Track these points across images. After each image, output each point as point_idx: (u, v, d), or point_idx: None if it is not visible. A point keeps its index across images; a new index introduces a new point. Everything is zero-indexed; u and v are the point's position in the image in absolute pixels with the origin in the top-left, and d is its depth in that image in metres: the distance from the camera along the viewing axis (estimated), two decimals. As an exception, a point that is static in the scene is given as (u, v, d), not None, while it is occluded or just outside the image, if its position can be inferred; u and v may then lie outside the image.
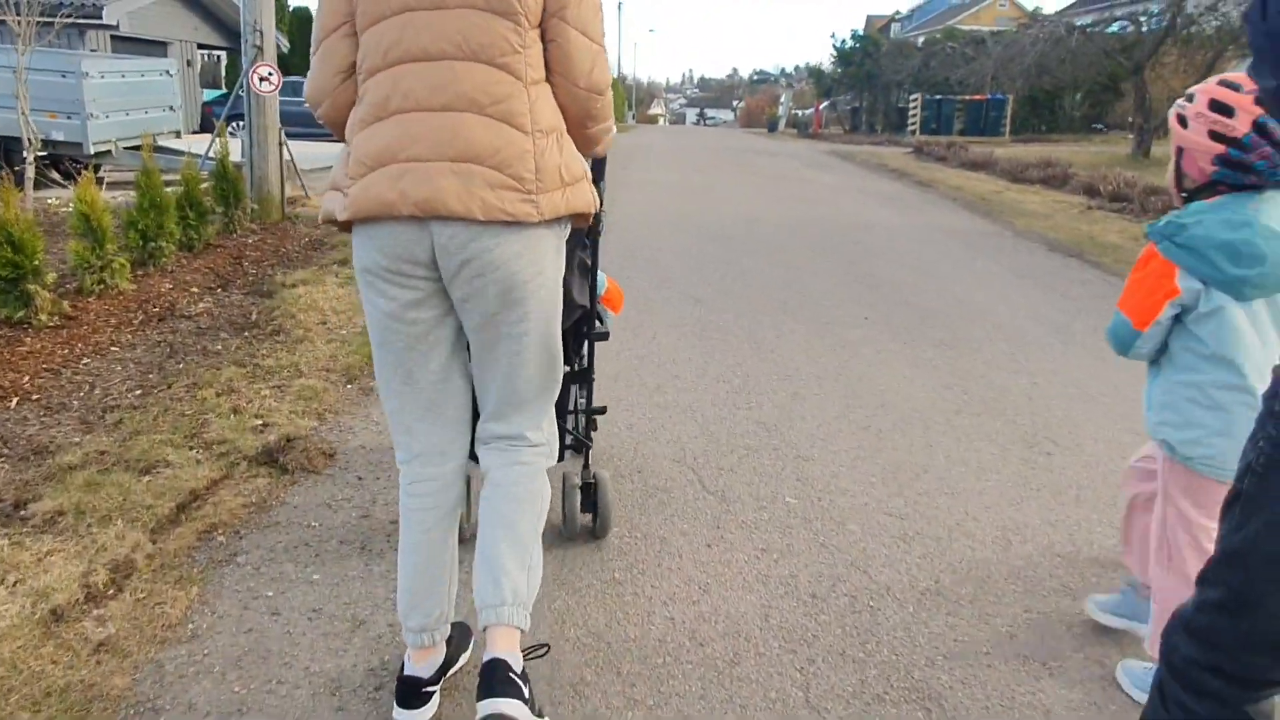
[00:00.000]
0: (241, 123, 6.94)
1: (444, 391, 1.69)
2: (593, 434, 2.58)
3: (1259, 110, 1.62)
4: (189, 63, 16.11)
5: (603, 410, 2.58)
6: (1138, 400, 1.93)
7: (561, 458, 2.09)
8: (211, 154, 6.29)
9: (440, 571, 1.68)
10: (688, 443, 3.05)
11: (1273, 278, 1.66)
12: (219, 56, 19.08)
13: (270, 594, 2.07)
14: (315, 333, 4.04)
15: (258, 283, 4.98)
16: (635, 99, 63.54)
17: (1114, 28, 17.23)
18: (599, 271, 2.29)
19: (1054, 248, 7.25)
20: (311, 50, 1.67)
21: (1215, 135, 1.69)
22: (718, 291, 5.22)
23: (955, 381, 3.76)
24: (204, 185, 5.66)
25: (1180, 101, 1.77)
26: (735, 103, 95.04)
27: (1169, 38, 16.37)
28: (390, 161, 1.53)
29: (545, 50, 1.61)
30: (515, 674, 1.49)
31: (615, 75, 53.98)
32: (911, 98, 26.17)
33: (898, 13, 61.76)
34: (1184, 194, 1.80)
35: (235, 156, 6.27)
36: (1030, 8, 49.72)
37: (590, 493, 2.35)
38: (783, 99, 41.06)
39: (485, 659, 1.50)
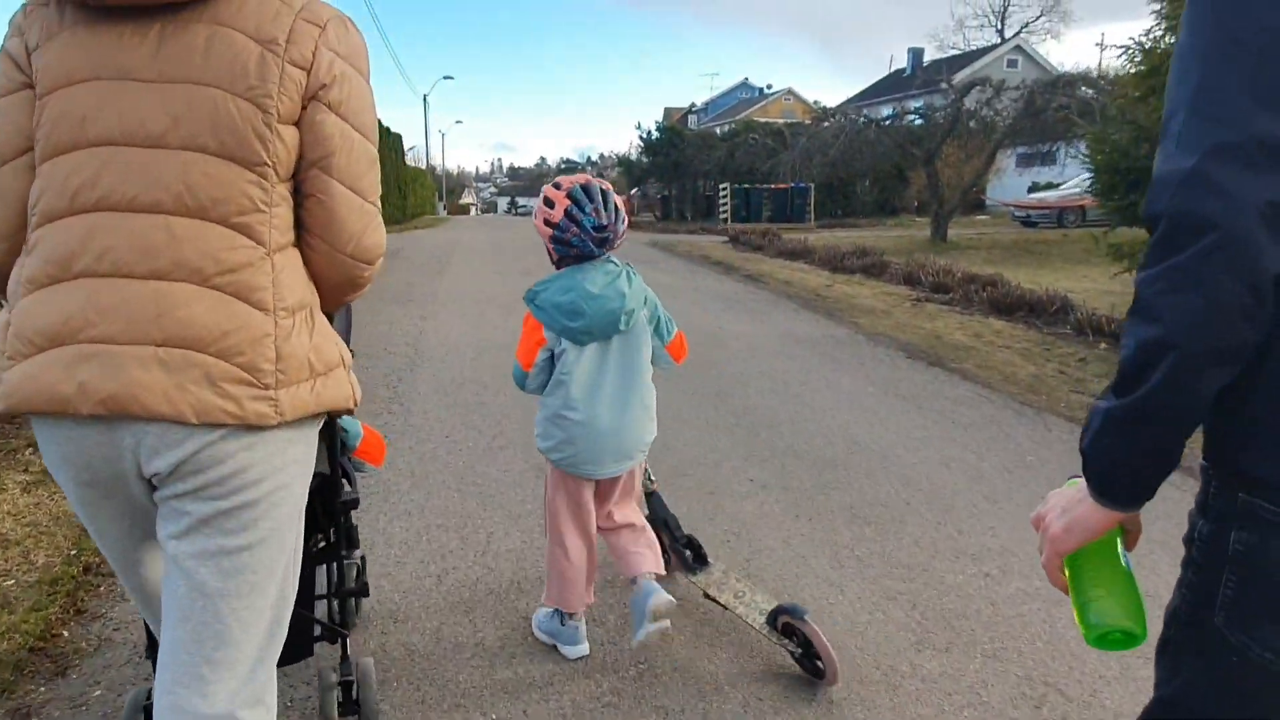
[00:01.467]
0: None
1: None
2: (353, 618, 2.39)
3: (568, 201, 2.25)
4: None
5: (363, 591, 2.28)
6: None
7: (310, 652, 1.96)
8: None
9: None
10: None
11: (596, 326, 2.25)
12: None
13: None
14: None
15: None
16: (446, 189, 62.68)
17: (911, 119, 18.23)
18: (350, 418, 1.97)
19: (910, 353, 6.83)
20: None
21: (546, 223, 2.29)
22: (569, 452, 4.21)
23: (896, 587, 2.92)
24: None
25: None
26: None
27: (953, 131, 17.47)
28: (68, 341, 1.20)
29: (303, 207, 1.35)
30: None
31: (425, 166, 53.32)
32: (721, 187, 26.81)
33: (693, 105, 64.97)
34: (557, 265, 2.39)
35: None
36: (811, 101, 54.01)
37: (350, 691, 1.97)
38: (594, 188, 41.33)
39: None
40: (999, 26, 50.71)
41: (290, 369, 1.28)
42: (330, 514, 1.91)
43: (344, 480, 1.93)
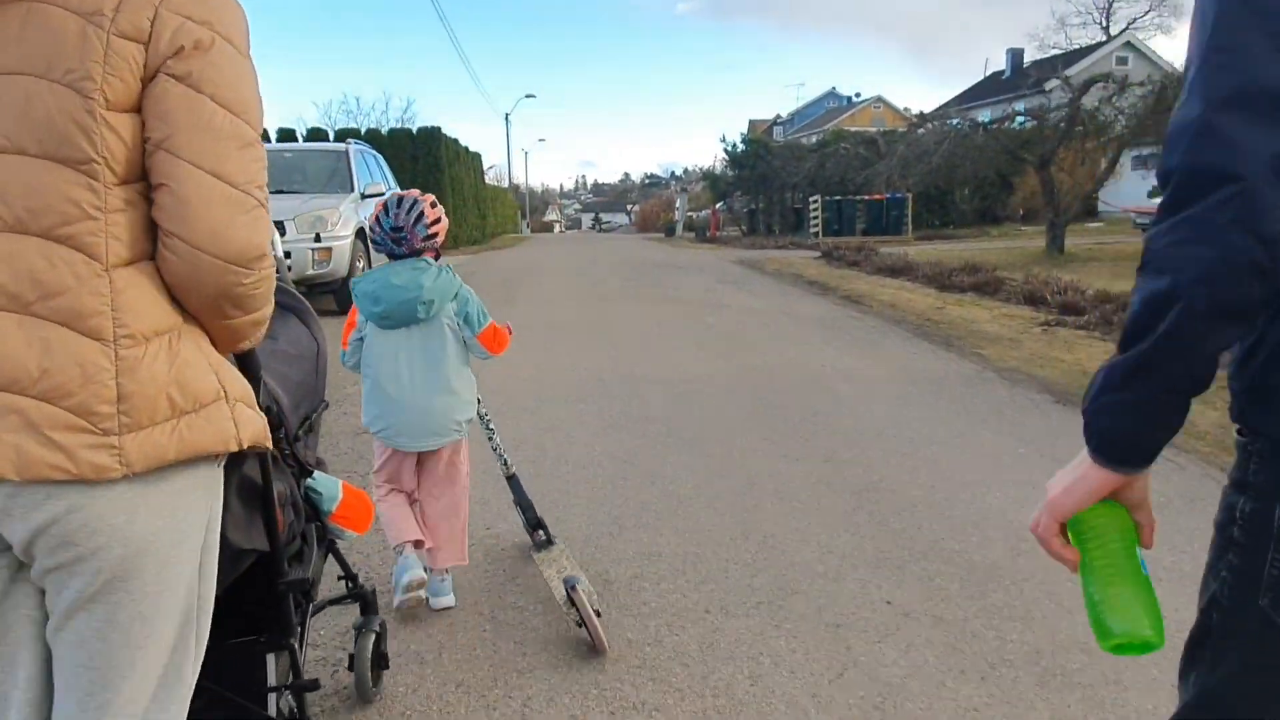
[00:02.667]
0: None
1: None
2: (371, 691, 2.19)
3: (382, 207, 2.71)
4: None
5: (383, 662, 2.23)
6: None
7: None
8: None
9: None
10: None
11: (394, 313, 2.63)
12: None
13: None
14: None
15: None
16: (530, 207, 63.05)
17: (1020, 121, 16.75)
18: (327, 477, 1.81)
19: (1058, 396, 5.63)
20: None
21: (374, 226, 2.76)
22: (672, 567, 3.25)
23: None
24: None
25: None
26: (629, 206, 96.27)
27: (1071, 132, 15.90)
28: None
29: (153, 203, 1.12)
30: None
31: (507, 184, 53.59)
32: (811, 200, 25.57)
33: (778, 116, 63.73)
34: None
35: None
36: (901, 109, 52.03)
37: None
38: (678, 203, 40.57)
39: None
40: (1104, 23, 48.01)
41: (138, 409, 1.09)
42: (265, 601, 1.61)
43: (299, 554, 1.71)
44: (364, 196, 9.65)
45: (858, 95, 59.93)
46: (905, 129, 24.66)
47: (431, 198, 2.74)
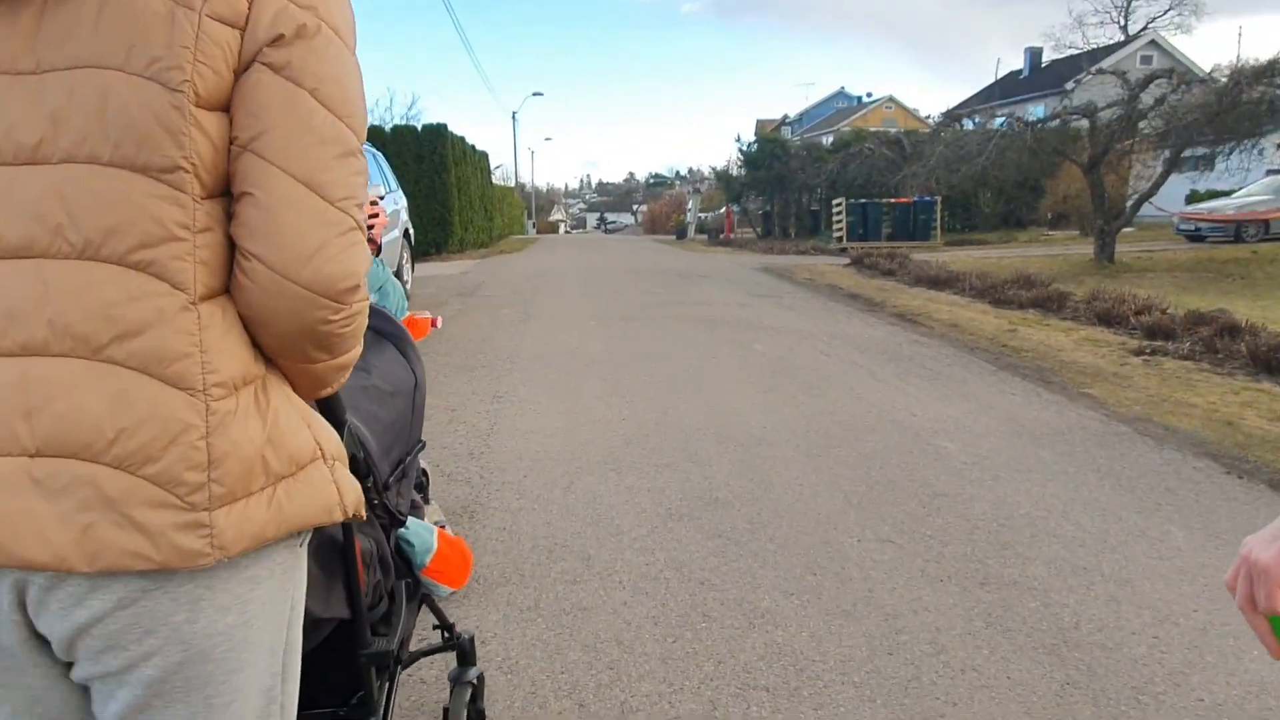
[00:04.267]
0: None
1: None
2: None
3: None
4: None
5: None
6: None
7: None
8: None
9: None
10: None
11: None
12: None
13: None
14: None
15: None
16: (535, 206, 61.99)
17: (1073, 119, 15.54)
18: (422, 524, 1.67)
19: (1224, 463, 4.44)
20: None
21: None
22: None
23: None
24: None
25: None
26: (635, 206, 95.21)
27: (1130, 131, 14.68)
28: None
29: (233, 217, 0.93)
30: None
31: (514, 183, 52.52)
32: (835, 203, 24.33)
33: (786, 117, 62.62)
34: None
35: None
36: (911, 109, 50.78)
37: None
38: (690, 204, 39.31)
39: None
40: (1122, 22, 46.86)
41: (232, 475, 0.90)
42: (346, 669, 1.43)
43: (387, 616, 1.53)
44: (359, 201, 8.47)
45: (869, 95, 58.91)
46: (933, 129, 23.52)
47: (373, 197, 2.51)
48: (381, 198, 8.57)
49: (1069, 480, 4.16)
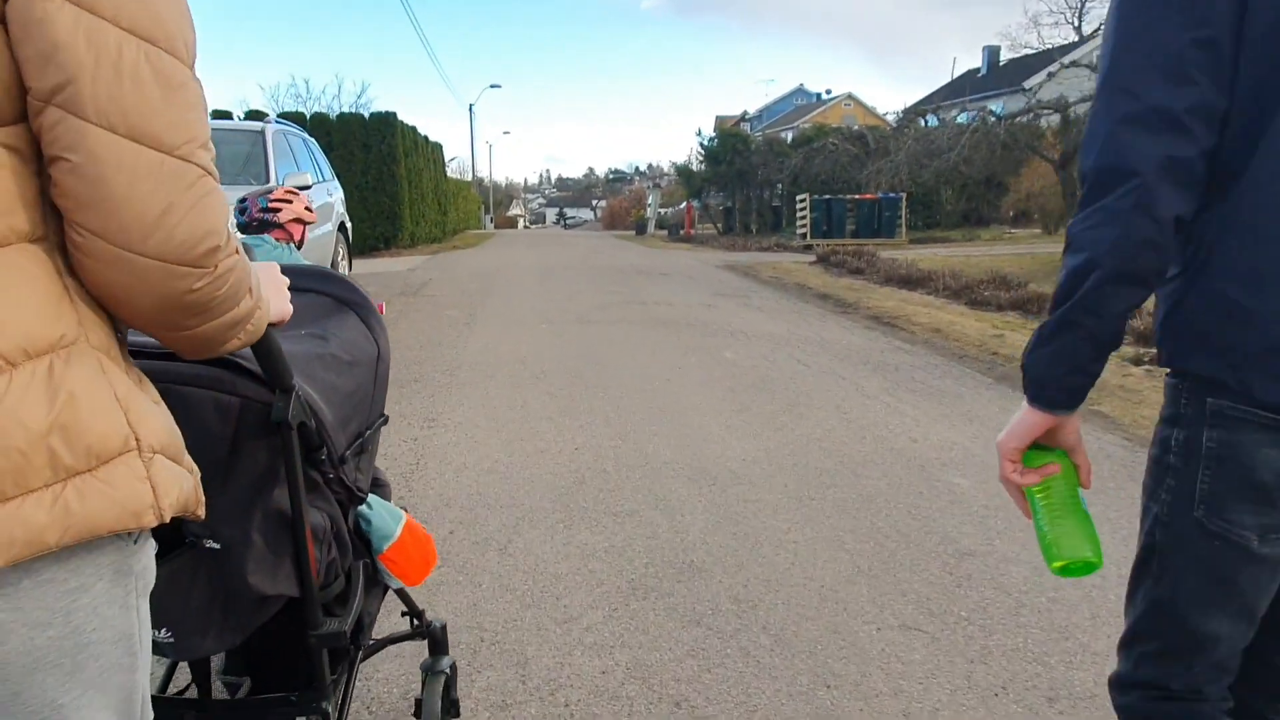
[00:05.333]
0: None
1: None
2: None
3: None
4: None
5: (454, 710, 2.00)
6: None
7: None
8: None
9: None
10: None
11: None
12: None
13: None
14: None
15: None
16: (494, 201, 60.84)
17: (1045, 114, 15.04)
18: (388, 507, 1.59)
19: None
20: None
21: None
22: None
23: None
24: None
25: None
26: (595, 201, 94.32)
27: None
28: None
29: (52, 184, 0.80)
30: None
31: (470, 177, 51.32)
32: (799, 198, 23.72)
33: (745, 113, 62.26)
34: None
35: None
36: (870, 107, 50.62)
37: None
38: (649, 199, 38.47)
39: None
40: (1076, 23, 47.18)
41: (8, 469, 0.76)
42: (298, 651, 1.40)
43: (343, 596, 1.45)
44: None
45: (828, 92, 58.75)
46: (898, 124, 23.05)
47: (295, 190, 2.85)
48: (307, 187, 7.62)
49: (1114, 529, 3.44)
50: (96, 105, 0.76)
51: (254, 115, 18.09)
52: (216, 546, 1.24)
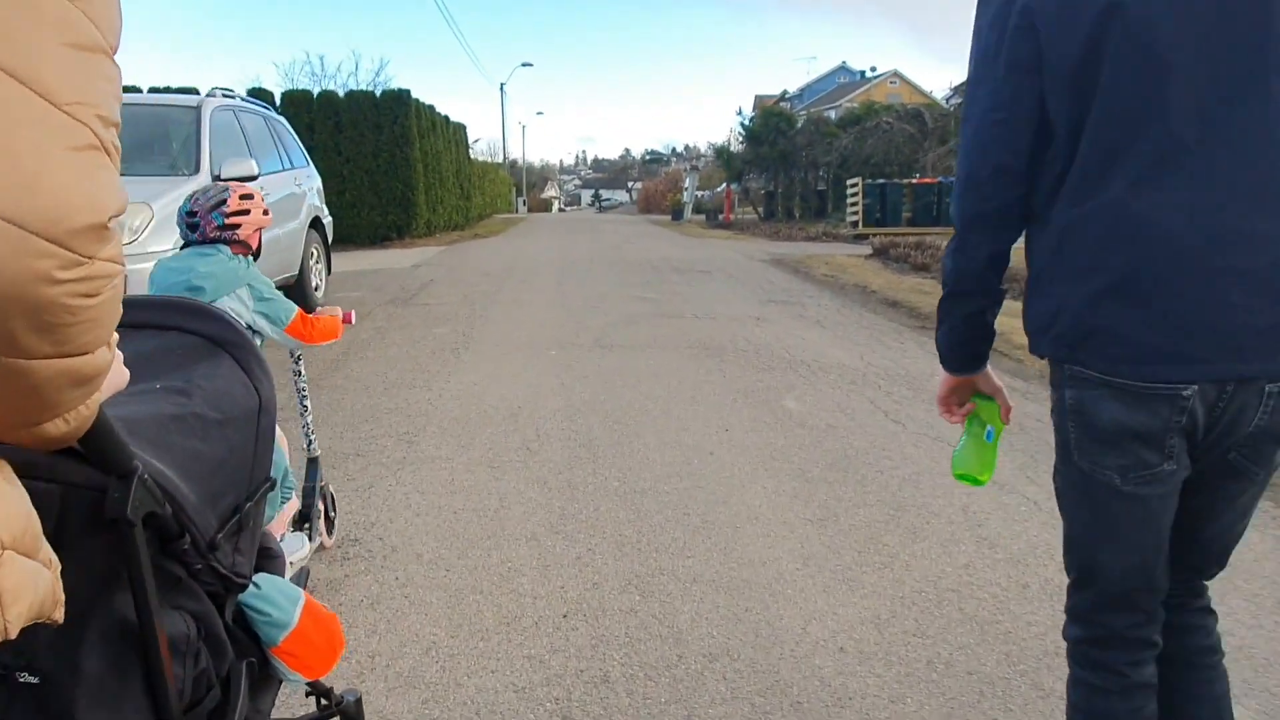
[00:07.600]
0: None
1: None
2: None
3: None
4: None
5: None
6: None
7: None
8: None
9: None
10: None
11: (169, 289, 2.44)
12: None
13: None
14: None
15: None
16: (527, 183, 59.38)
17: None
18: (282, 585, 1.35)
19: None
20: None
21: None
22: None
23: None
24: None
25: None
26: (630, 183, 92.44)
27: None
28: None
29: None
30: None
31: (502, 159, 49.76)
32: (851, 183, 21.73)
33: (785, 92, 59.87)
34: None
35: None
36: (917, 84, 48.07)
37: None
38: (686, 182, 36.57)
39: None
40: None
41: None
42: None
43: (220, 710, 1.16)
44: (219, 180, 5.85)
45: (872, 70, 56.38)
46: (961, 102, 20.97)
47: (249, 190, 2.69)
48: (251, 178, 5.98)
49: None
50: None
51: (257, 94, 16.58)
52: (34, 680, 0.91)
